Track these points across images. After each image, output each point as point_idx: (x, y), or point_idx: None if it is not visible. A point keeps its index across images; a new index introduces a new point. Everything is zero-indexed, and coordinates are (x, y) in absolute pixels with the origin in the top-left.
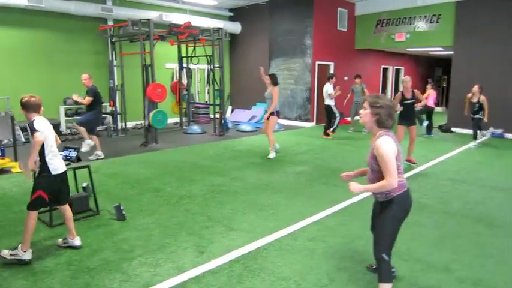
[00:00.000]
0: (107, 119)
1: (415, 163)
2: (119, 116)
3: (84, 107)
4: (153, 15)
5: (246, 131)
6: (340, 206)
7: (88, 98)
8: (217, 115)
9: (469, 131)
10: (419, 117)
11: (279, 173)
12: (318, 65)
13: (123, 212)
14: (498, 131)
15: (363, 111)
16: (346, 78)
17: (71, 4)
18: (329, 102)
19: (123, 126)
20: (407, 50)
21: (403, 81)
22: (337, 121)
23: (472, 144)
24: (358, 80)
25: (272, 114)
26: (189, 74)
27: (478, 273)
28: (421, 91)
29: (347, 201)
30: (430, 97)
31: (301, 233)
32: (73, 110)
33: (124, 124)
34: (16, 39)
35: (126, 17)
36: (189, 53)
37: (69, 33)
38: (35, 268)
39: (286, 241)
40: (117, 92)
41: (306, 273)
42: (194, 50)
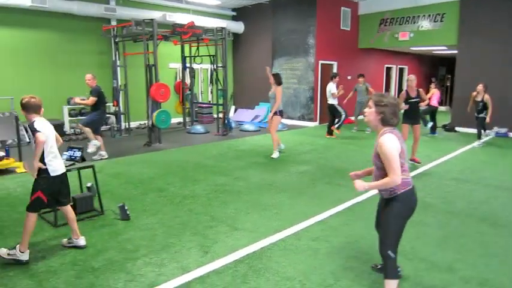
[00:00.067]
0: (111, 119)
1: (419, 162)
2: (122, 116)
3: (88, 107)
4: (156, 15)
5: (249, 131)
6: (343, 206)
7: (92, 98)
8: (221, 115)
9: (473, 131)
10: (423, 117)
11: (283, 172)
12: (321, 64)
13: (128, 212)
14: (502, 130)
15: (368, 110)
16: (349, 78)
17: (74, 4)
18: (332, 101)
19: (127, 126)
20: (410, 49)
21: (408, 79)
22: (342, 118)
23: (476, 143)
24: (362, 79)
25: (275, 113)
26: (192, 73)
27: (483, 273)
28: (425, 90)
29: (351, 201)
30: (433, 96)
31: (305, 233)
32: (77, 110)
33: (127, 124)
34: (20, 40)
35: (130, 17)
36: (193, 52)
37: (73, 34)
38: (40, 268)
39: (290, 241)
40: (121, 92)
41: (311, 273)
42: (197, 50)
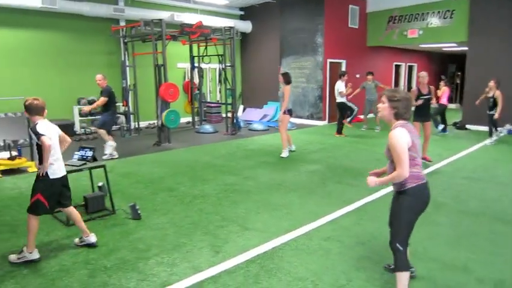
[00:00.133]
0: (120, 119)
1: (430, 161)
2: (131, 116)
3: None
4: (164, 15)
5: (258, 130)
6: (354, 206)
7: (103, 98)
8: (229, 114)
9: (485, 128)
10: (435, 119)
11: (292, 172)
12: (330, 63)
13: (139, 212)
14: None
15: (381, 105)
16: (358, 76)
17: (84, 5)
18: (341, 99)
19: (136, 126)
20: (420, 47)
21: (419, 76)
22: (355, 112)
23: (487, 141)
24: (371, 77)
25: (283, 113)
26: (201, 73)
27: (498, 273)
28: (434, 88)
29: (361, 201)
30: (443, 95)
31: (316, 232)
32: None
33: (137, 124)
34: (30, 40)
35: (138, 17)
36: (201, 52)
37: (82, 34)
38: (53, 267)
39: (302, 241)
40: (130, 92)
41: (322, 273)
42: (206, 50)
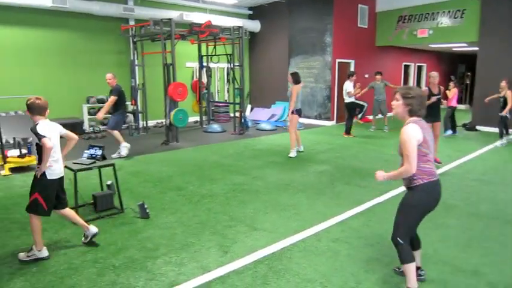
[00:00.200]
0: (129, 118)
1: (440, 162)
2: (140, 115)
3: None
4: (173, 15)
5: (265, 130)
6: (363, 207)
7: (112, 98)
8: (237, 114)
9: (495, 130)
10: (446, 122)
11: (300, 172)
12: (338, 62)
13: (147, 210)
14: None
15: (395, 103)
16: (367, 76)
17: (94, 4)
18: (349, 99)
19: (144, 125)
20: (429, 47)
21: (430, 76)
22: (365, 108)
23: (498, 143)
24: (379, 77)
25: (292, 112)
26: (209, 72)
27: (510, 278)
28: (444, 88)
29: (370, 202)
30: (454, 96)
31: (325, 233)
32: (96, 108)
33: (145, 123)
34: (41, 39)
35: (148, 16)
36: (209, 51)
37: (92, 33)
38: (62, 265)
39: (310, 242)
40: (139, 91)
41: (331, 275)
42: (214, 49)
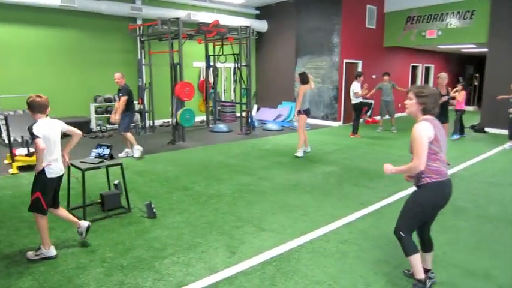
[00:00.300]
0: (136, 117)
1: (449, 164)
2: (147, 114)
3: (113, 104)
4: (181, 14)
5: (272, 130)
6: (371, 208)
7: (124, 98)
8: (244, 114)
9: (504, 131)
10: (455, 126)
11: (307, 172)
12: (346, 63)
13: (154, 210)
14: None
15: (409, 102)
16: (374, 77)
17: (102, 4)
18: (356, 100)
19: (151, 124)
20: (437, 48)
21: (439, 77)
22: (372, 106)
23: (507, 145)
24: (387, 78)
25: (300, 112)
26: (216, 72)
27: None
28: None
29: (379, 203)
30: (463, 100)
31: (333, 235)
32: (103, 107)
33: (152, 122)
34: (49, 39)
35: (155, 16)
36: (216, 51)
37: (100, 32)
38: (70, 264)
39: (318, 243)
40: (146, 90)
41: (340, 277)
42: (221, 49)
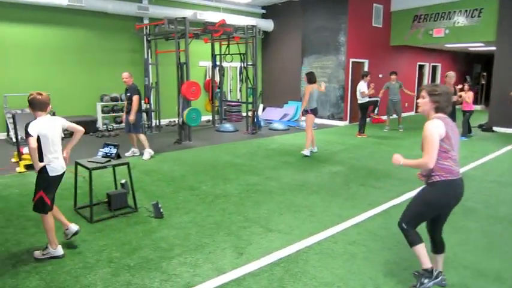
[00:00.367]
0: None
1: None
2: (153, 113)
3: (119, 104)
4: (187, 14)
5: (278, 130)
6: (380, 209)
7: (136, 97)
8: (250, 113)
9: None
10: (464, 127)
11: (314, 172)
12: (352, 62)
13: (161, 210)
14: None
15: (421, 100)
16: (381, 76)
17: (109, 3)
18: (362, 100)
19: (157, 124)
20: (445, 46)
21: (447, 76)
22: (378, 103)
23: None
24: (394, 77)
25: (307, 112)
26: (222, 72)
27: None
28: (458, 89)
29: (387, 204)
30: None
31: (341, 236)
32: (109, 107)
33: (158, 121)
34: (57, 38)
35: (162, 15)
36: (223, 51)
37: (107, 32)
38: (77, 264)
39: (327, 244)
40: (152, 90)
41: (349, 278)
42: (227, 48)
